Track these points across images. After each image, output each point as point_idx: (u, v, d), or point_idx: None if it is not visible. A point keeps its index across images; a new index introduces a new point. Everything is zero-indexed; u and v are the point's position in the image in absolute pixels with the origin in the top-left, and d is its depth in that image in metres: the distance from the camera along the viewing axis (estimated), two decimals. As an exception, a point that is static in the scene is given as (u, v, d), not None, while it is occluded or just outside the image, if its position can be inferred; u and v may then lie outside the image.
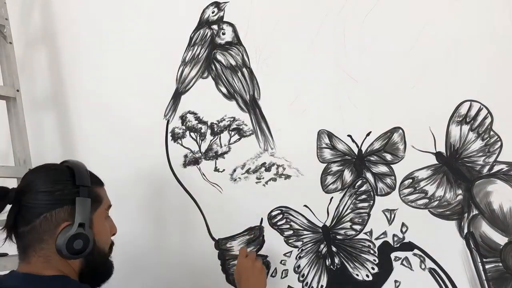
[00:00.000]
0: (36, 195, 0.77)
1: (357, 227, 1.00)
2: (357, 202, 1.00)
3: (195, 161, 1.20)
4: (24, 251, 0.78)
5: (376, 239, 0.98)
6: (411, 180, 0.94)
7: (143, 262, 1.27)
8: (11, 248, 0.86)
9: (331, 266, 1.03)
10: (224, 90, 1.16)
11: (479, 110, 0.87)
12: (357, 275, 1.00)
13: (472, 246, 0.88)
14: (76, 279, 0.80)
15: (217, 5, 1.16)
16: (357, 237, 1.00)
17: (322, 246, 1.04)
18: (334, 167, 1.02)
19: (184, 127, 1.22)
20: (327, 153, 1.03)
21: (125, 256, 1.27)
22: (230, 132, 1.15)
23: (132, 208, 1.29)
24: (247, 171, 1.13)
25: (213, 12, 1.17)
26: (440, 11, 0.90)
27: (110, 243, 0.87)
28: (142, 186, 1.28)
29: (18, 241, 0.79)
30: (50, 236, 0.76)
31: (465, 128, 0.89)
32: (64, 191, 0.78)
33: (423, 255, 0.93)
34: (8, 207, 0.78)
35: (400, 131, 0.95)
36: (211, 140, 1.18)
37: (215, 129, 1.17)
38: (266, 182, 1.10)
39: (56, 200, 0.77)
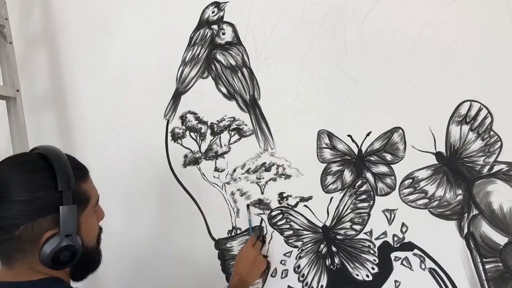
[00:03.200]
0: (12, 204, 0.66)
1: (357, 227, 1.00)
2: (357, 202, 1.00)
3: (195, 161, 1.20)
4: (7, 258, 0.71)
5: (376, 239, 0.98)
6: (411, 180, 0.94)
7: (142, 262, 1.27)
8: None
9: (331, 266, 1.03)
10: (224, 90, 1.16)
11: (479, 110, 0.87)
12: (357, 275, 1.00)
13: (472, 246, 0.88)
14: (68, 277, 0.77)
15: (217, 5, 1.16)
16: (357, 237, 1.00)
17: (322, 246, 1.04)
18: (334, 167, 1.02)
19: (184, 127, 1.21)
20: (327, 153, 1.03)
21: (124, 255, 1.27)
22: (230, 132, 1.15)
23: (132, 208, 1.29)
24: (247, 171, 1.13)
25: (213, 12, 1.17)
26: (440, 11, 0.90)
27: (97, 234, 0.80)
28: (142, 186, 1.28)
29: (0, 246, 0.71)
30: (34, 246, 0.68)
31: (465, 128, 0.89)
32: (46, 199, 0.67)
33: (423, 255, 0.93)
34: None
35: (400, 131, 0.95)
36: (211, 140, 1.17)
37: (215, 129, 1.17)
38: (266, 182, 1.10)
39: (36, 211, 0.67)
